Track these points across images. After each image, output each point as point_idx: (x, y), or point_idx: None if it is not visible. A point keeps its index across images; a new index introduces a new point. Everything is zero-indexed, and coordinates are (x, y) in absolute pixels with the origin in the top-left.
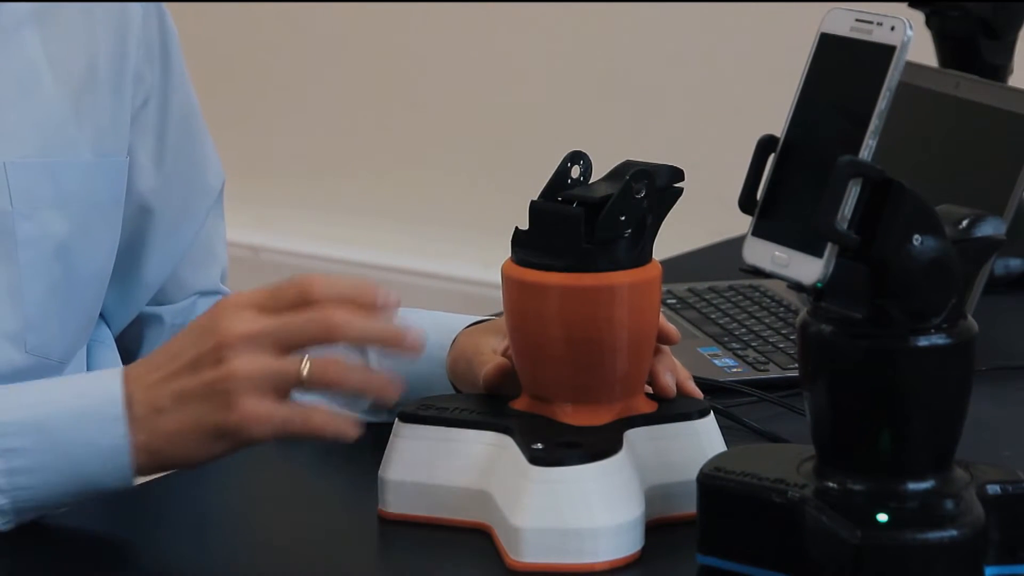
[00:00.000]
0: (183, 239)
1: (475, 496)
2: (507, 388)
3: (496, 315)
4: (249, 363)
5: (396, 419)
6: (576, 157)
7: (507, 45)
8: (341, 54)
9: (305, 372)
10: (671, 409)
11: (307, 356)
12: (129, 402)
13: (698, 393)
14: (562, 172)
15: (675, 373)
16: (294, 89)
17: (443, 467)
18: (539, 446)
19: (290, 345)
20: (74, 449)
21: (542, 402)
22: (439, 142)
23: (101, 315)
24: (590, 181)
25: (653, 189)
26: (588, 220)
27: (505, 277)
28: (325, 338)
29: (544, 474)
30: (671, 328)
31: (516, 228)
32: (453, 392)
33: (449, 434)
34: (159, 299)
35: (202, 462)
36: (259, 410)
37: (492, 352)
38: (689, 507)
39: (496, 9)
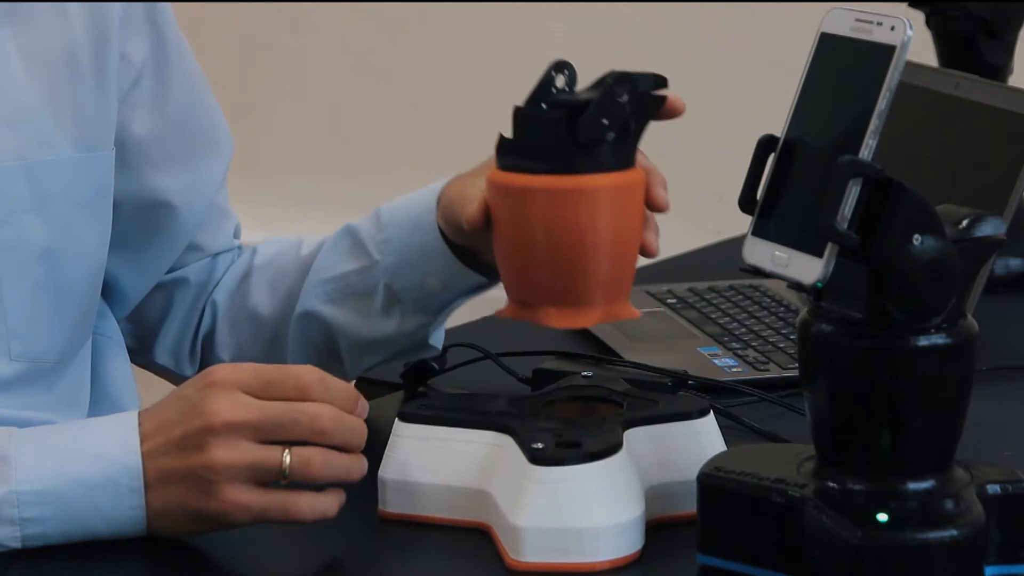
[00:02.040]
0: (197, 211)
1: (475, 496)
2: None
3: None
4: (231, 453)
5: (396, 419)
6: (561, 66)
7: (508, 45)
8: (341, 54)
9: (286, 464)
10: (671, 408)
11: (287, 450)
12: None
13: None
14: (546, 81)
15: (663, 187)
16: (294, 89)
17: (443, 467)
18: (539, 445)
19: (272, 438)
20: (88, 516)
21: (527, 308)
22: (439, 142)
23: (106, 302)
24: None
25: (635, 94)
26: (570, 124)
27: (490, 184)
28: (312, 439)
29: (544, 473)
30: (677, 99)
31: (500, 135)
32: (450, 255)
33: (449, 434)
34: (175, 265)
35: (189, 535)
36: (239, 499)
37: (480, 191)
38: (689, 507)
39: (496, 9)
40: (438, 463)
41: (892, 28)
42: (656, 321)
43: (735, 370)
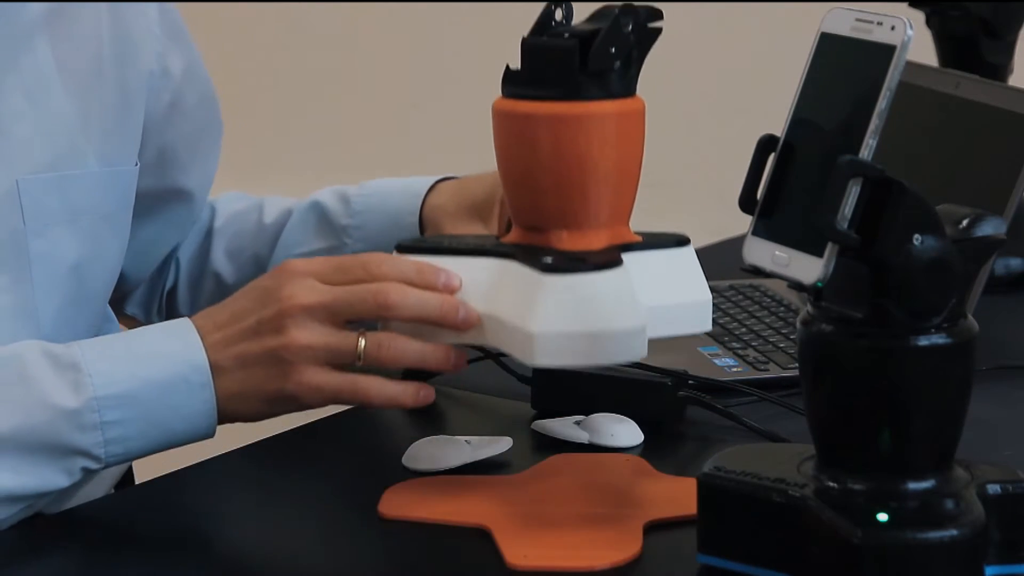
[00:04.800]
0: (206, 192)
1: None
2: None
3: None
4: (307, 335)
5: (394, 251)
6: (559, 0)
7: (508, 46)
8: (341, 54)
9: (361, 347)
10: (653, 240)
11: (362, 333)
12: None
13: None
14: (546, 15)
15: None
16: (294, 89)
17: None
18: (549, 259)
19: (347, 318)
20: (164, 416)
21: (536, 232)
22: (439, 142)
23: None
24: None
25: (638, 24)
26: (581, 53)
27: (498, 112)
28: (379, 313)
29: (557, 281)
30: None
31: (507, 66)
32: None
33: (449, 262)
34: None
35: (259, 419)
36: (314, 380)
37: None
38: (671, 330)
39: (497, 9)
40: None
41: (892, 28)
42: None
43: (735, 370)
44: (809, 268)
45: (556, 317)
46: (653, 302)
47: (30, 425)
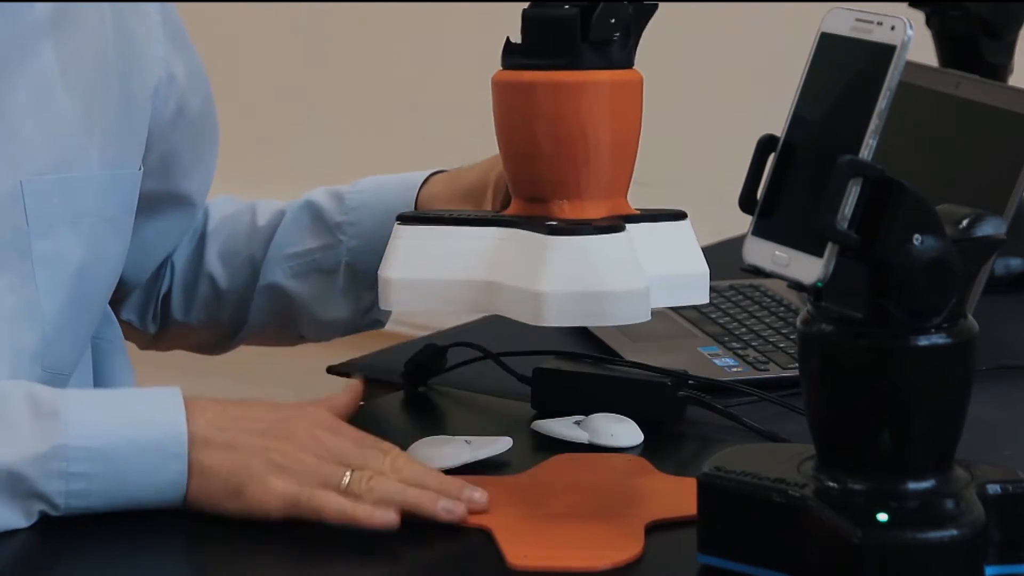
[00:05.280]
0: (205, 197)
1: (483, 288)
2: None
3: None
4: (311, 445)
5: (395, 223)
6: None
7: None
8: (341, 54)
9: (345, 483)
10: (651, 214)
11: (349, 471)
12: (190, 437)
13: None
14: None
15: None
16: (293, 89)
17: (450, 263)
18: (554, 222)
19: (346, 464)
20: (132, 479)
21: (537, 203)
22: (439, 142)
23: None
24: None
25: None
26: (582, 22)
27: (497, 84)
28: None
29: (565, 243)
30: None
31: (507, 39)
32: None
33: (452, 232)
34: None
35: (215, 509)
36: (275, 487)
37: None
38: (669, 300)
39: (497, 9)
40: (444, 260)
41: (892, 28)
42: (656, 321)
43: (735, 370)
44: (809, 268)
45: (563, 277)
46: (652, 272)
47: None
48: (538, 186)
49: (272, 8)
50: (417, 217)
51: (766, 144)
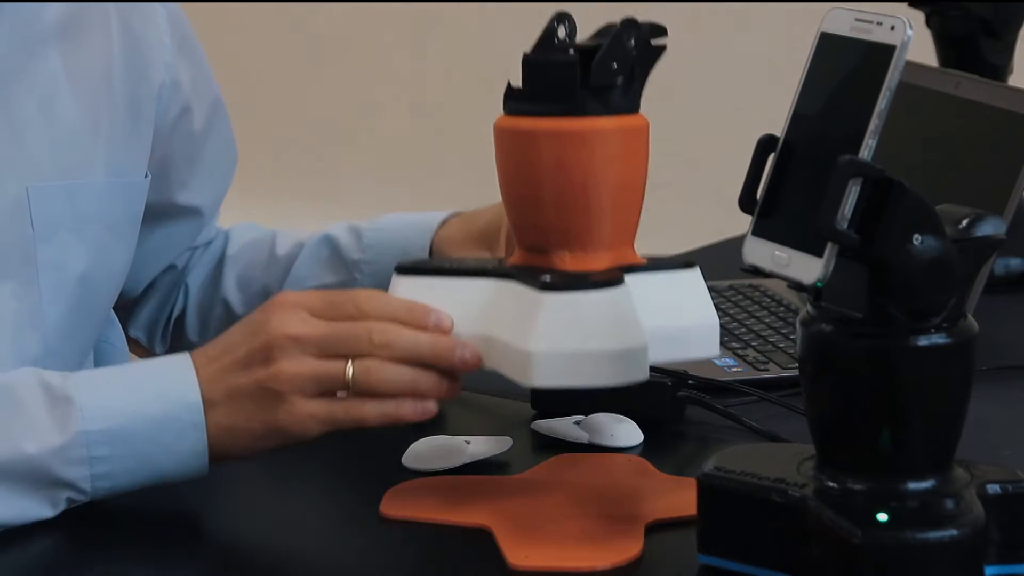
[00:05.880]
0: (216, 212)
1: (477, 342)
2: None
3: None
4: (295, 365)
5: (393, 273)
6: (562, 18)
7: (509, 46)
8: (341, 54)
9: (349, 374)
10: (658, 263)
11: (350, 361)
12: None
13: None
14: (549, 32)
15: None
16: (294, 89)
17: None
18: (547, 277)
19: (336, 353)
20: (154, 454)
21: (539, 253)
22: (439, 143)
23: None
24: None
25: (641, 40)
26: (582, 68)
27: (500, 130)
28: (371, 351)
29: (555, 299)
30: None
31: (508, 83)
32: None
33: (449, 284)
34: None
35: (250, 456)
36: (305, 410)
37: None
38: (676, 354)
39: (497, 9)
40: None
41: (892, 28)
42: None
43: (735, 370)
44: (809, 268)
45: (554, 336)
46: (657, 325)
47: (16, 455)
48: (539, 235)
49: (272, 8)
50: (415, 268)
51: (766, 144)
